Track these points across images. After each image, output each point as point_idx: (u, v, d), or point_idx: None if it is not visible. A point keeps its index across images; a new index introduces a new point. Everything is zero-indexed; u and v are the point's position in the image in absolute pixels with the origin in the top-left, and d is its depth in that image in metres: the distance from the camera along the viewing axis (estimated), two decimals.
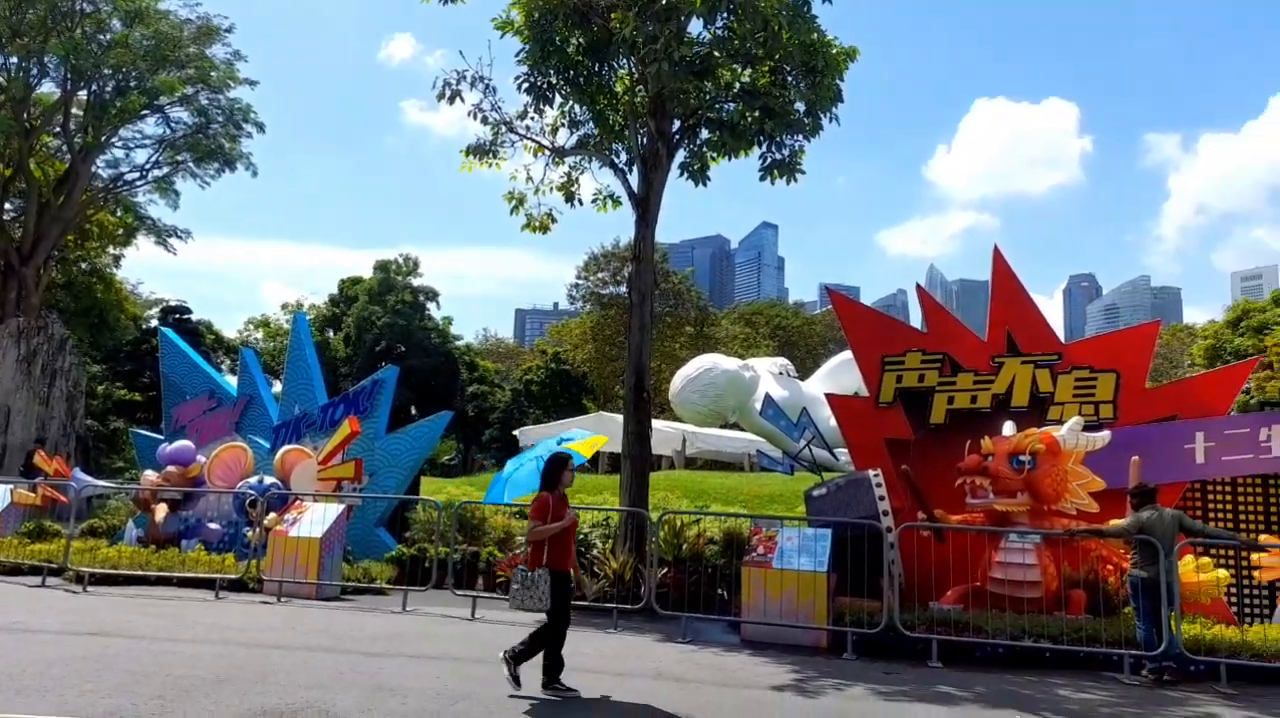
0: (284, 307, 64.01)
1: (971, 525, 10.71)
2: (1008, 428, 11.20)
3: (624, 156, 14.62)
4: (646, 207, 13.80)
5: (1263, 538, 10.80)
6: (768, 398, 14.62)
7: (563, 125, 14.98)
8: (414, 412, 43.15)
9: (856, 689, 7.44)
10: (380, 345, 55.27)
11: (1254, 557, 10.75)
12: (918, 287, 13.99)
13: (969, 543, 10.57)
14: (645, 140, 13.84)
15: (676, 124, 13.92)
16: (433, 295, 60.46)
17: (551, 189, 15.34)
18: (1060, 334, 13.17)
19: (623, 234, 54.23)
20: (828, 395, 14.24)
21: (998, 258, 12.83)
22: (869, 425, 12.71)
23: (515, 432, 41.19)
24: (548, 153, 15.05)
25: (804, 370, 41.20)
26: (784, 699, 6.52)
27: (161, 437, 17.53)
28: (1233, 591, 10.98)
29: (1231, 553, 10.95)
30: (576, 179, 15.39)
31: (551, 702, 6.49)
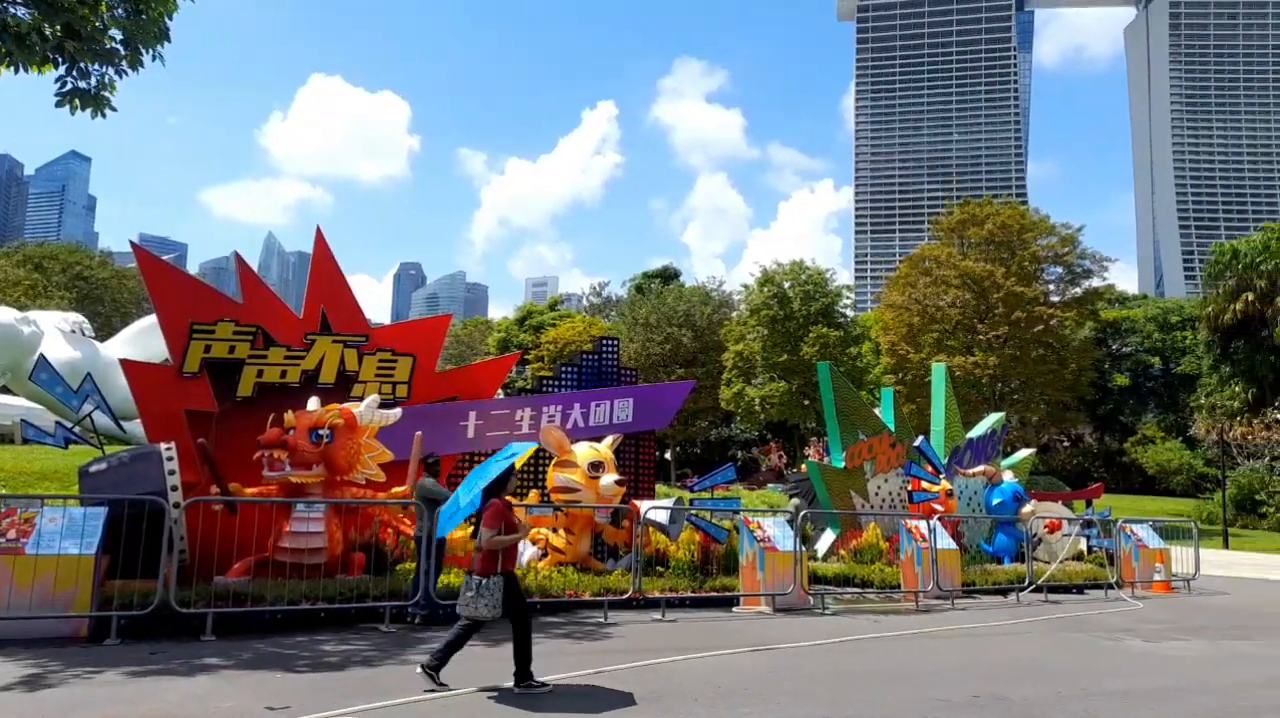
0: None
1: (265, 498, 10.85)
2: (312, 403, 11.67)
3: None
4: None
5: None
6: (41, 360, 12.57)
7: None
8: None
9: (108, 675, 6.94)
10: None
11: None
12: (237, 255, 13.61)
13: (259, 515, 10.69)
14: None
15: None
16: None
17: None
18: (388, 316, 14.29)
19: None
20: (123, 361, 12.88)
21: (319, 240, 13.24)
22: (170, 395, 11.91)
23: None
24: None
25: (110, 330, 36.27)
26: (8, 700, 5.76)
27: None
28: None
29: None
30: None
31: None
